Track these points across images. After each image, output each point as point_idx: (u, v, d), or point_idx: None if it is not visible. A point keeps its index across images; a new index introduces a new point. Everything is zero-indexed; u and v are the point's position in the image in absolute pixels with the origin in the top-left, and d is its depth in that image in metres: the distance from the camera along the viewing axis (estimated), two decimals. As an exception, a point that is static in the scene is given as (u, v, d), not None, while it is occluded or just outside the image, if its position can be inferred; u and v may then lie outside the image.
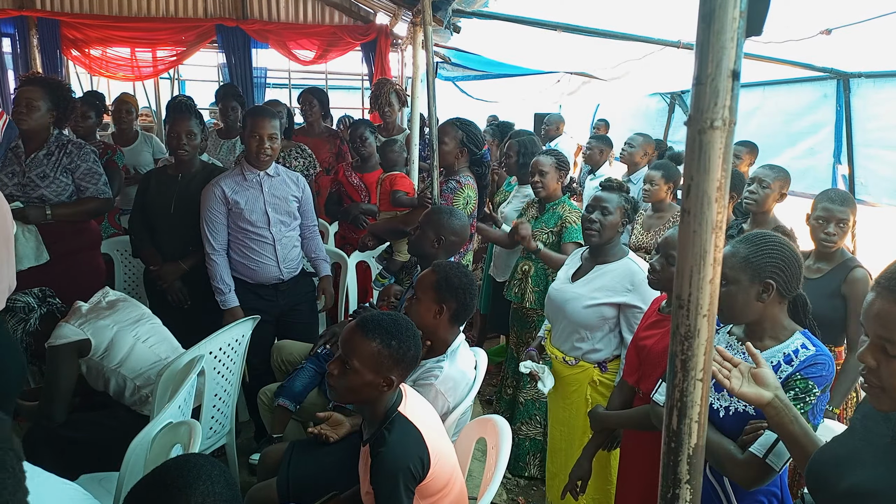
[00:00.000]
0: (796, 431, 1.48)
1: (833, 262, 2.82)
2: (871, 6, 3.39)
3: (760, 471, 1.63)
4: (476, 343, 4.82)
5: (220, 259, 3.22)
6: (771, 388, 1.50)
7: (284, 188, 3.32)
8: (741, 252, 1.75)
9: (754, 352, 1.56)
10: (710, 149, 0.95)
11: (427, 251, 2.92)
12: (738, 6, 0.91)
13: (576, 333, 2.76)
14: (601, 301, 2.67)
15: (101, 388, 2.69)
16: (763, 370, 1.52)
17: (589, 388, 2.76)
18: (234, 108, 5.06)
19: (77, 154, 3.35)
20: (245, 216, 3.20)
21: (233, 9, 7.30)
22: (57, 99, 3.31)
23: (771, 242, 1.77)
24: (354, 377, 1.84)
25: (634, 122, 8.26)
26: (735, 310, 1.77)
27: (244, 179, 3.23)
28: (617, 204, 2.69)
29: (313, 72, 8.59)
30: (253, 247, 3.25)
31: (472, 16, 4.45)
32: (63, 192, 3.32)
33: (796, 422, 1.49)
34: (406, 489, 1.79)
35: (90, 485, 2.22)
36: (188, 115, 3.30)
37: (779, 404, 1.49)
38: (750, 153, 5.16)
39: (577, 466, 2.49)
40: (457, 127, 3.67)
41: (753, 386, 1.50)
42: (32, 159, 3.26)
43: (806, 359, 1.70)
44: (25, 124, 3.23)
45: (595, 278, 2.73)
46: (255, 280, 3.31)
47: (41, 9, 6.78)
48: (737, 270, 1.74)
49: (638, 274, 2.63)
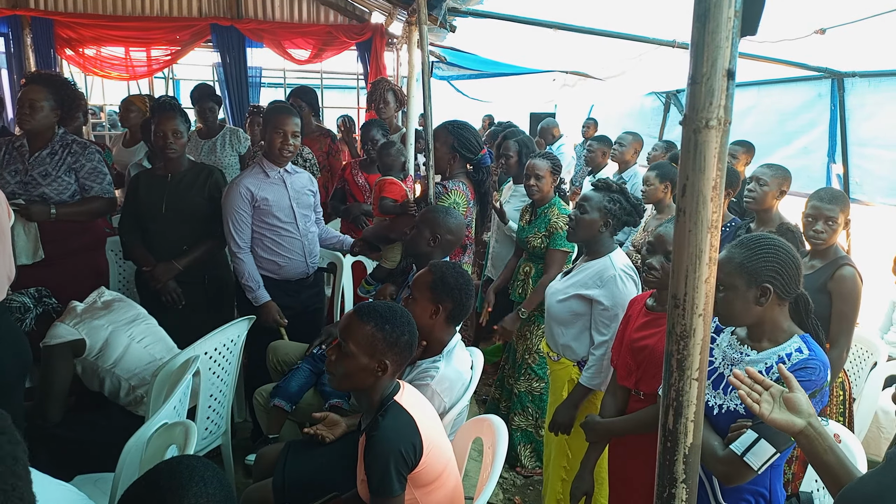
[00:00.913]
0: (830, 461, 1.42)
1: (826, 259, 2.84)
2: (864, 6, 3.41)
3: (738, 468, 1.63)
4: (472, 343, 4.82)
5: (247, 257, 3.25)
6: (804, 416, 1.42)
7: (302, 183, 3.39)
8: (736, 257, 1.74)
9: (787, 374, 1.48)
10: (706, 148, 0.95)
11: (423, 250, 2.91)
12: (733, 6, 0.91)
13: (553, 328, 2.79)
14: (570, 294, 2.68)
15: (96, 389, 2.68)
16: (796, 395, 1.44)
17: (567, 385, 2.76)
18: (212, 109, 5.06)
19: (82, 153, 3.32)
20: (273, 212, 3.23)
21: (227, 8, 7.29)
22: (61, 96, 3.28)
23: (767, 246, 1.75)
24: (350, 361, 1.89)
25: (629, 121, 8.27)
26: (734, 314, 1.76)
27: (267, 177, 3.25)
28: (597, 203, 2.66)
29: (308, 71, 8.58)
30: (281, 242, 3.30)
31: (468, 15, 4.44)
32: (65, 191, 3.30)
33: (831, 451, 1.42)
34: (398, 473, 1.81)
35: (85, 485, 2.21)
36: (174, 114, 3.29)
37: (812, 433, 1.42)
38: (746, 153, 5.17)
39: (578, 480, 2.43)
40: (448, 131, 3.57)
41: (785, 413, 1.43)
42: (36, 158, 3.24)
43: (797, 362, 1.70)
44: (29, 125, 3.21)
45: (576, 274, 2.74)
46: (282, 276, 3.35)
47: (35, 8, 6.75)
48: (732, 276, 1.73)
49: (608, 270, 2.61)
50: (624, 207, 2.69)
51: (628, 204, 2.71)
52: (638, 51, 5.39)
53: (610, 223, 2.67)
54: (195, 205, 3.31)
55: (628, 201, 2.71)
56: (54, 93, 3.25)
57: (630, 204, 2.71)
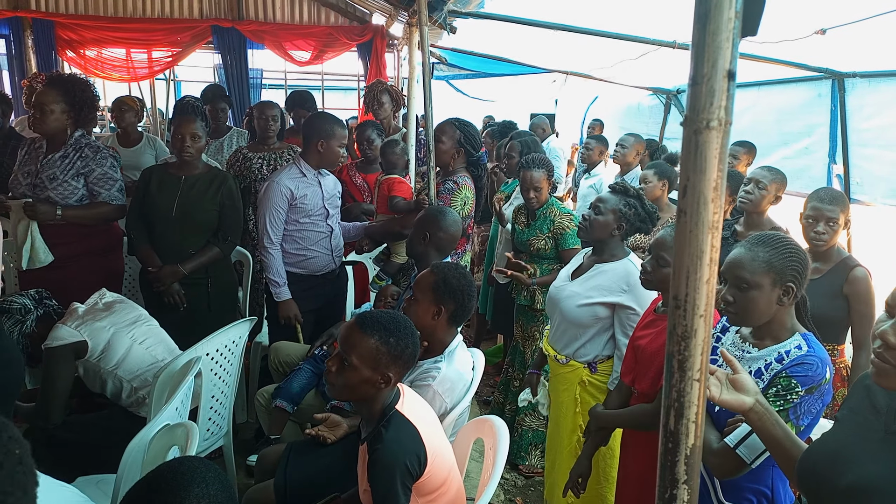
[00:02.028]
0: (779, 435, 1.48)
1: (830, 262, 2.82)
2: (865, 6, 3.41)
3: (731, 461, 1.64)
4: (473, 344, 4.83)
5: (277, 253, 3.33)
6: (751, 394, 1.49)
7: (332, 184, 3.54)
8: (761, 256, 1.72)
9: (730, 358, 1.55)
10: (707, 149, 0.95)
11: (417, 249, 2.93)
12: (734, 7, 0.91)
13: (569, 331, 2.76)
14: (595, 300, 2.66)
15: (98, 390, 2.69)
16: (741, 376, 1.51)
17: (578, 387, 2.76)
18: (224, 110, 5.05)
19: (93, 158, 3.29)
20: (308, 210, 3.36)
21: (228, 9, 7.28)
22: (73, 98, 3.27)
23: (789, 245, 1.75)
24: (352, 374, 1.85)
25: (629, 121, 8.26)
26: (756, 314, 1.74)
27: (304, 176, 3.36)
28: (612, 205, 2.66)
29: (309, 72, 8.58)
30: (310, 238, 3.41)
31: (468, 16, 4.45)
32: (71, 195, 3.27)
33: (778, 425, 1.49)
34: (403, 486, 1.79)
35: (87, 487, 2.21)
36: (193, 117, 3.31)
37: (760, 409, 1.49)
38: (748, 153, 5.17)
39: (577, 464, 2.49)
40: (455, 126, 3.67)
41: (734, 393, 1.49)
42: (48, 160, 3.24)
43: (795, 358, 1.70)
44: (41, 129, 3.22)
45: (592, 277, 2.72)
46: (309, 271, 3.45)
47: (36, 10, 6.76)
48: (759, 275, 1.71)
49: (634, 275, 2.62)
50: (639, 213, 2.68)
51: (643, 210, 2.69)
52: (638, 51, 5.39)
53: (623, 227, 2.67)
54: (206, 211, 3.31)
55: (643, 208, 2.70)
56: (65, 95, 3.24)
57: (645, 211, 2.70)
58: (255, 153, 4.20)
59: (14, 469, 0.93)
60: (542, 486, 3.27)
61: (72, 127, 3.30)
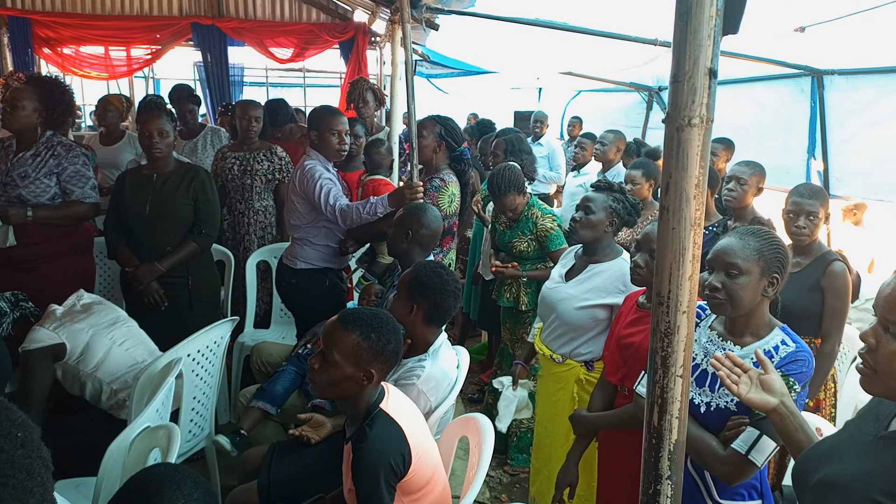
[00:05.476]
0: (801, 439, 1.48)
1: (811, 256, 2.85)
2: (844, 4, 3.44)
3: (743, 467, 1.65)
4: (457, 341, 4.83)
5: (353, 204, 3.25)
6: (777, 395, 1.49)
7: (341, 180, 3.55)
8: (752, 244, 1.75)
9: (763, 358, 1.55)
10: (688, 146, 0.96)
11: (400, 247, 2.91)
12: (715, 5, 0.92)
13: (567, 333, 2.75)
14: (593, 303, 2.66)
15: (77, 393, 2.65)
16: (771, 376, 1.51)
17: (575, 386, 2.76)
18: (192, 111, 4.95)
19: (65, 156, 3.25)
20: None
21: (208, 6, 7.21)
22: (46, 99, 3.22)
23: (774, 238, 1.78)
24: (335, 370, 1.84)
25: (612, 118, 8.30)
26: (743, 301, 1.75)
27: (327, 170, 3.35)
28: (602, 204, 2.67)
29: (291, 70, 8.54)
30: (337, 234, 3.42)
31: (451, 13, 4.44)
32: (42, 193, 3.22)
33: (801, 429, 1.49)
34: (387, 485, 1.79)
35: (67, 491, 2.19)
36: (159, 113, 3.25)
37: (784, 411, 1.48)
38: (726, 150, 5.20)
39: (563, 472, 2.43)
40: (435, 121, 3.66)
41: (760, 392, 1.50)
42: (19, 158, 3.19)
43: (787, 355, 1.71)
44: (9, 125, 3.17)
45: (588, 278, 2.71)
46: (340, 266, 3.52)
47: (12, 6, 6.65)
48: (750, 262, 1.73)
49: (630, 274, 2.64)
50: (626, 207, 2.72)
51: (629, 203, 2.74)
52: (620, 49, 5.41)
53: (615, 222, 2.70)
54: (179, 207, 3.27)
55: (628, 201, 2.74)
56: (40, 95, 3.20)
57: (630, 203, 2.74)
58: (233, 152, 4.16)
59: (14, 453, 0.92)
60: (527, 484, 3.28)
61: (42, 127, 3.25)
